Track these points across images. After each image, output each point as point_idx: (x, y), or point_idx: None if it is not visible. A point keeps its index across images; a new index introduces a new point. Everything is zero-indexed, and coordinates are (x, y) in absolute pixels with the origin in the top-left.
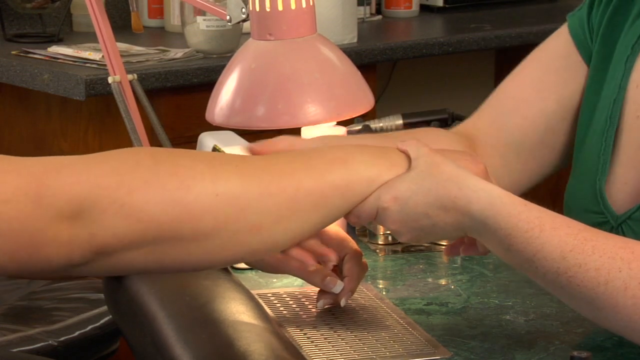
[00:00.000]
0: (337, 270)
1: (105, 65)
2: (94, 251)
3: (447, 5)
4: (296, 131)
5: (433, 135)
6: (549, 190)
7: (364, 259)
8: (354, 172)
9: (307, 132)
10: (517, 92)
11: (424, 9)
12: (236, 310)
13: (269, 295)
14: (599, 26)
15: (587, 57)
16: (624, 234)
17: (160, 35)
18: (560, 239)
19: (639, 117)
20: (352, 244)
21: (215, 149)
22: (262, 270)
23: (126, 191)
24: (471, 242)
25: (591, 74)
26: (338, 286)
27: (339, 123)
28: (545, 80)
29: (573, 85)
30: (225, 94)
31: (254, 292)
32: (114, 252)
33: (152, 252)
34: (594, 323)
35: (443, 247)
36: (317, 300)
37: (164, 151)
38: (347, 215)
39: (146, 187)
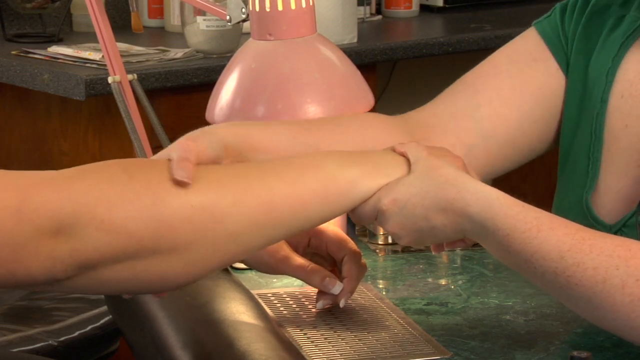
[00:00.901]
0: (336, 271)
1: (105, 65)
2: (76, 266)
3: (447, 5)
4: None
5: (362, 122)
6: (549, 190)
7: (363, 260)
8: (329, 176)
9: None
10: (492, 87)
11: (424, 9)
12: (236, 310)
13: (269, 295)
14: (574, 36)
15: (563, 64)
16: None
17: (160, 35)
18: (558, 238)
19: (627, 126)
20: (351, 244)
21: None
22: (261, 272)
23: (105, 208)
24: None
25: (569, 87)
26: (337, 287)
27: None
28: (523, 81)
29: (549, 90)
30: (225, 94)
31: (254, 292)
32: (96, 267)
33: (135, 266)
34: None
35: None
36: (317, 300)
37: (135, 165)
38: (350, 214)
39: (124, 203)
